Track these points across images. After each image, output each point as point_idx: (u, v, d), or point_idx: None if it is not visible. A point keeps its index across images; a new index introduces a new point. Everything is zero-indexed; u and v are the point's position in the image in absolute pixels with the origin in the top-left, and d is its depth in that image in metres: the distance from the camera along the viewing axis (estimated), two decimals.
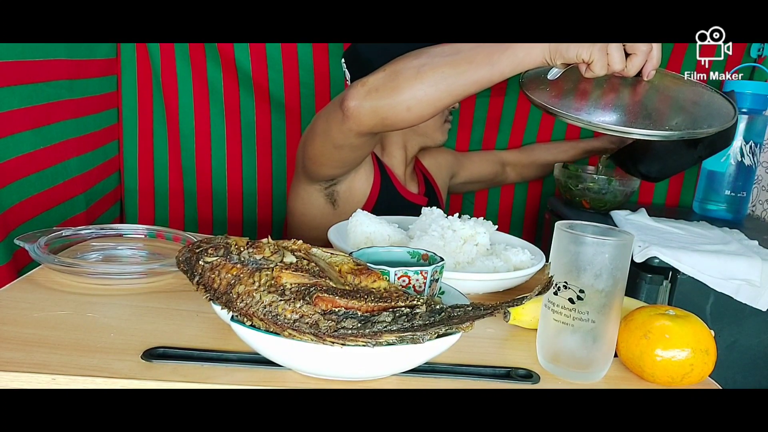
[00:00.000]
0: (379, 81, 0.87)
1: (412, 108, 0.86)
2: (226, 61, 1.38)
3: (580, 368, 0.57)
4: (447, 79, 0.83)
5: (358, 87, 0.90)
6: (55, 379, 0.49)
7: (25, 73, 0.95)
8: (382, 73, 0.89)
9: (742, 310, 0.95)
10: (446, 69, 0.83)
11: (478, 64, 0.82)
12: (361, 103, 0.89)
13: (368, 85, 0.89)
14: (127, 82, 1.38)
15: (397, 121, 0.89)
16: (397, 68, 0.87)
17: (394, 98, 0.86)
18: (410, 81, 0.85)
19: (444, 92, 0.84)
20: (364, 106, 0.88)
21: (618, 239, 0.55)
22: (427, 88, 0.84)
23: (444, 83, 0.84)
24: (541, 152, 1.51)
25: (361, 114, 0.90)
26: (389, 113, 0.87)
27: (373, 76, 0.90)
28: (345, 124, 0.93)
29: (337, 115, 0.94)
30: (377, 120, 0.90)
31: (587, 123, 0.77)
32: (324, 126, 0.99)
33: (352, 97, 0.90)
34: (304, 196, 1.18)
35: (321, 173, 1.11)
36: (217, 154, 1.46)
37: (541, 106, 0.83)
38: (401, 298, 0.51)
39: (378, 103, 0.87)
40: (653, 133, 0.75)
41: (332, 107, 0.97)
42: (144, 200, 1.48)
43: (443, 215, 0.89)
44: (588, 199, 1.29)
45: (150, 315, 0.63)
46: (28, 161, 0.96)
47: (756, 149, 1.26)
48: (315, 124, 1.03)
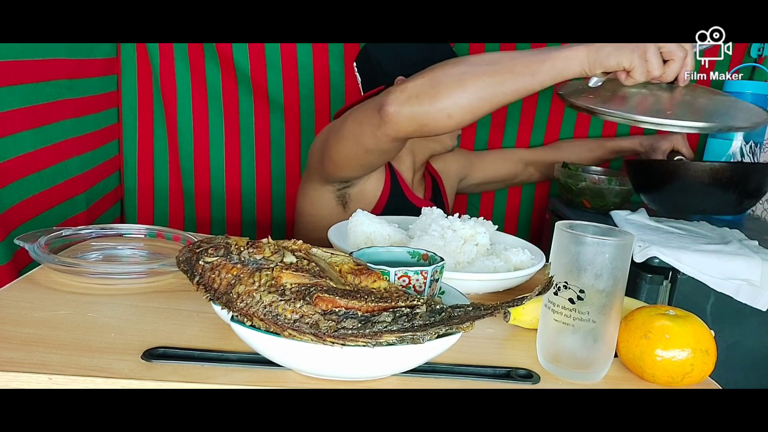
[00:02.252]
0: (419, 87, 0.88)
1: (453, 115, 0.87)
2: (225, 61, 1.38)
3: (581, 368, 0.57)
4: (488, 87, 0.84)
5: (397, 93, 0.90)
6: (52, 379, 0.48)
7: (25, 72, 0.95)
8: (421, 79, 0.89)
9: (742, 310, 0.95)
10: (487, 78, 0.84)
11: (518, 74, 0.84)
12: (401, 108, 0.89)
13: (408, 91, 0.88)
14: (127, 81, 1.38)
15: (437, 128, 0.90)
16: (438, 75, 0.87)
17: (435, 105, 0.86)
18: (452, 88, 0.85)
19: (485, 100, 0.85)
20: (404, 112, 0.88)
21: (618, 239, 0.55)
22: (468, 95, 0.85)
23: (485, 92, 0.85)
24: (567, 151, 1.47)
25: (400, 120, 0.90)
26: (429, 120, 0.88)
27: (412, 81, 0.90)
28: (381, 129, 0.92)
29: (373, 120, 0.94)
30: (416, 126, 0.90)
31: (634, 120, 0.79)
32: (356, 129, 0.98)
33: (391, 102, 0.89)
34: (314, 196, 1.17)
35: (341, 175, 1.10)
36: (215, 154, 1.46)
37: (585, 108, 0.84)
38: (401, 298, 0.51)
39: (418, 109, 0.87)
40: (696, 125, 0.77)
41: (367, 111, 0.96)
42: (143, 200, 1.48)
43: (443, 215, 0.89)
44: (588, 198, 1.29)
45: (150, 315, 0.63)
46: (28, 161, 0.96)
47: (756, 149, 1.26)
48: (344, 127, 1.02)
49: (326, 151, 1.07)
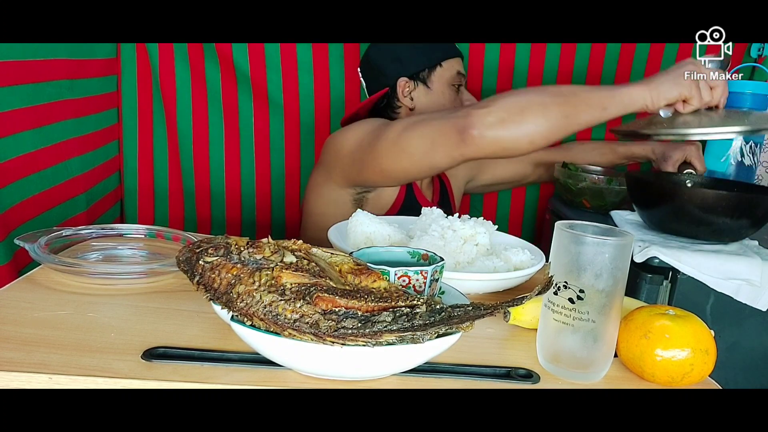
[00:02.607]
0: (504, 113, 0.93)
1: (534, 141, 0.93)
2: (225, 61, 1.38)
3: (580, 368, 0.57)
4: (567, 117, 0.92)
5: (482, 116, 0.94)
6: (53, 379, 0.49)
7: (25, 72, 0.95)
8: (504, 104, 0.94)
9: (742, 310, 0.95)
10: (567, 108, 0.92)
11: (592, 107, 0.92)
12: (486, 132, 0.93)
13: (494, 115, 0.93)
14: (127, 82, 1.39)
15: (517, 151, 0.96)
16: (523, 102, 0.93)
17: (519, 130, 0.92)
18: (536, 116, 0.92)
19: (561, 128, 0.93)
20: (488, 135, 0.93)
21: (618, 239, 0.55)
22: (549, 123, 0.92)
23: (564, 121, 0.92)
24: (578, 153, 1.46)
25: (483, 143, 0.94)
26: (512, 144, 0.94)
27: (495, 107, 0.94)
28: (460, 150, 0.96)
29: (452, 140, 0.97)
30: (497, 149, 0.95)
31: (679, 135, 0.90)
32: (426, 146, 1.00)
33: (475, 125, 0.94)
34: (329, 197, 1.17)
35: (383, 184, 1.12)
36: (215, 154, 1.46)
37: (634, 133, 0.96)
38: (401, 298, 0.51)
39: (503, 133, 0.93)
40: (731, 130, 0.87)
41: (444, 130, 0.98)
42: (144, 200, 1.48)
43: (443, 215, 0.89)
44: (588, 198, 1.29)
45: (150, 315, 0.63)
46: (28, 161, 0.96)
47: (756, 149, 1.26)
48: (408, 142, 1.02)
49: (372, 161, 1.07)
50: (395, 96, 1.22)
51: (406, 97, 1.22)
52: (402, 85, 1.21)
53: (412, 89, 1.22)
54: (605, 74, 1.47)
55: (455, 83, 1.22)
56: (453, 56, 1.22)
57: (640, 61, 1.46)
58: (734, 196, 0.94)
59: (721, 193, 0.94)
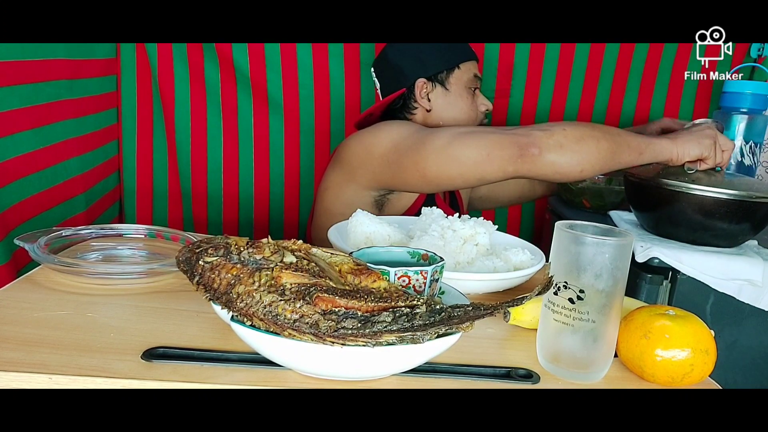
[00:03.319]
0: (564, 139, 0.98)
1: (584, 170, 1.00)
2: (224, 61, 1.38)
3: (580, 368, 0.57)
4: (614, 154, 1.00)
5: (544, 138, 0.98)
6: (53, 379, 0.48)
7: (24, 72, 0.95)
8: (563, 131, 0.99)
9: (742, 310, 0.95)
10: (614, 146, 1.00)
11: (632, 150, 1.00)
12: (545, 154, 0.97)
13: (554, 139, 0.98)
14: (127, 82, 1.38)
15: (567, 177, 1.02)
16: (579, 133, 0.99)
17: (574, 158, 0.98)
18: (591, 149, 0.98)
19: (607, 163, 1.00)
20: (547, 156, 0.97)
21: (618, 239, 0.55)
22: (600, 156, 0.99)
23: (611, 157, 1.00)
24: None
25: (541, 162, 0.98)
26: (565, 169, 0.99)
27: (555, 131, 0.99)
28: (516, 166, 0.99)
29: (510, 154, 1.00)
30: (550, 171, 1.00)
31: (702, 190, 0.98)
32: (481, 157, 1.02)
33: (537, 145, 0.98)
34: (349, 198, 1.16)
35: (417, 189, 1.12)
36: (213, 154, 1.46)
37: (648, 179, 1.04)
38: (401, 298, 0.51)
39: (559, 158, 0.98)
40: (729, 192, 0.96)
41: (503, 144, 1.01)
42: (142, 201, 1.48)
43: (443, 215, 0.89)
44: (588, 198, 1.29)
45: (150, 315, 0.63)
46: (27, 161, 0.96)
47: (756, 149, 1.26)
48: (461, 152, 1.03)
49: (413, 166, 1.06)
50: (412, 97, 1.21)
51: (423, 99, 1.21)
52: (420, 85, 1.20)
53: (430, 90, 1.21)
54: (603, 74, 1.47)
55: (472, 86, 1.22)
56: (470, 59, 1.22)
57: (638, 61, 1.46)
58: (733, 201, 0.94)
59: (720, 198, 0.94)
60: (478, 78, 1.23)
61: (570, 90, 1.48)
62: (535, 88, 1.48)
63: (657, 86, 1.48)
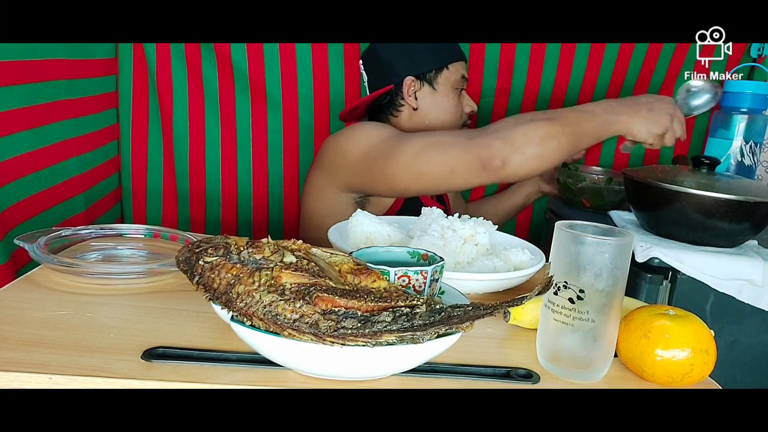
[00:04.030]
0: (525, 145, 0.98)
1: (547, 167, 1.03)
2: (223, 61, 1.38)
3: (580, 368, 0.57)
4: (573, 147, 1.02)
5: (505, 149, 0.99)
6: (53, 379, 0.48)
7: (23, 72, 0.94)
8: (520, 134, 0.99)
9: (742, 309, 0.95)
10: (573, 139, 1.01)
11: (591, 137, 1.02)
12: (509, 162, 0.99)
13: (516, 147, 0.99)
14: (125, 82, 1.38)
15: (529, 176, 1.06)
16: (542, 134, 0.99)
17: (536, 161, 0.99)
18: (552, 148, 0.99)
19: (566, 156, 1.03)
20: (509, 167, 0.99)
21: (618, 239, 0.55)
22: (560, 153, 1.01)
23: (570, 150, 1.02)
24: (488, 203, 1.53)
25: (505, 171, 1.00)
26: (527, 171, 1.01)
27: (513, 136, 0.99)
28: (481, 178, 1.01)
29: (473, 169, 1.01)
30: (515, 177, 1.02)
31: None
32: (446, 173, 1.03)
33: (498, 156, 0.99)
34: (330, 200, 1.17)
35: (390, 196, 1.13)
36: (211, 155, 1.46)
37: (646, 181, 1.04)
38: (401, 298, 0.51)
39: (523, 164, 0.99)
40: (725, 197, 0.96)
41: (465, 160, 1.01)
42: (138, 201, 1.48)
43: (443, 215, 0.89)
44: (588, 198, 1.28)
45: (150, 315, 0.63)
46: (27, 161, 0.96)
47: (756, 149, 1.26)
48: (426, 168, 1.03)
49: (383, 179, 1.08)
50: (400, 94, 1.22)
51: (411, 97, 1.21)
52: (408, 83, 1.20)
53: (418, 89, 1.21)
54: (602, 74, 1.47)
55: (459, 87, 1.22)
56: (460, 59, 1.22)
57: (637, 61, 1.46)
58: (733, 201, 0.94)
59: (720, 198, 0.94)
60: (465, 79, 1.23)
61: (569, 90, 1.48)
62: (535, 87, 1.48)
63: (651, 85, 1.48)
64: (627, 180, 1.09)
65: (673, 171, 1.05)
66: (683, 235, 1.00)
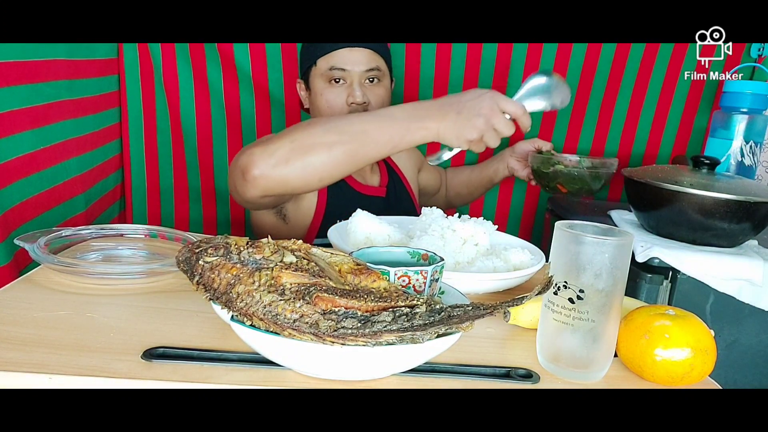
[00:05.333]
0: (288, 153, 0.90)
1: (323, 179, 0.93)
2: (226, 61, 1.38)
3: (580, 368, 0.57)
4: (354, 155, 0.91)
5: (264, 158, 0.90)
6: (52, 379, 0.48)
7: (24, 73, 0.95)
8: (288, 144, 0.91)
9: (741, 309, 0.95)
10: (353, 147, 0.91)
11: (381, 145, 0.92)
12: (269, 172, 0.90)
13: (276, 156, 0.90)
14: (131, 81, 1.38)
15: (306, 189, 0.95)
16: (308, 142, 0.90)
17: (306, 170, 0.90)
18: (321, 158, 0.90)
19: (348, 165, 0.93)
20: (272, 175, 0.90)
21: (618, 239, 0.55)
22: (334, 162, 0.91)
23: (350, 158, 0.92)
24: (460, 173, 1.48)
25: (266, 182, 0.91)
26: (299, 183, 0.92)
27: (278, 145, 0.91)
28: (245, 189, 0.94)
29: (237, 179, 0.94)
30: (286, 188, 0.93)
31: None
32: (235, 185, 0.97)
33: (256, 166, 0.90)
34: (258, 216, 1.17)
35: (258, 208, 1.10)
36: (218, 152, 1.47)
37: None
38: (401, 297, 0.51)
39: (288, 173, 0.90)
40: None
41: (232, 170, 0.96)
42: (151, 199, 1.48)
43: (443, 215, 0.89)
44: (562, 183, 1.22)
45: (150, 315, 0.63)
46: (27, 161, 0.96)
47: (756, 149, 1.26)
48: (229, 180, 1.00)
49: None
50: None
51: (304, 99, 1.23)
52: (297, 87, 1.23)
53: (303, 89, 1.22)
54: (599, 74, 1.47)
55: (331, 78, 1.14)
56: (327, 52, 1.13)
57: (634, 60, 1.46)
58: (733, 202, 0.94)
59: (720, 198, 0.94)
60: (340, 69, 1.13)
61: None
62: None
63: (651, 85, 1.48)
64: (627, 180, 1.09)
65: (673, 171, 1.05)
66: (683, 235, 1.00)
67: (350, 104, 1.15)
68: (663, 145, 1.54)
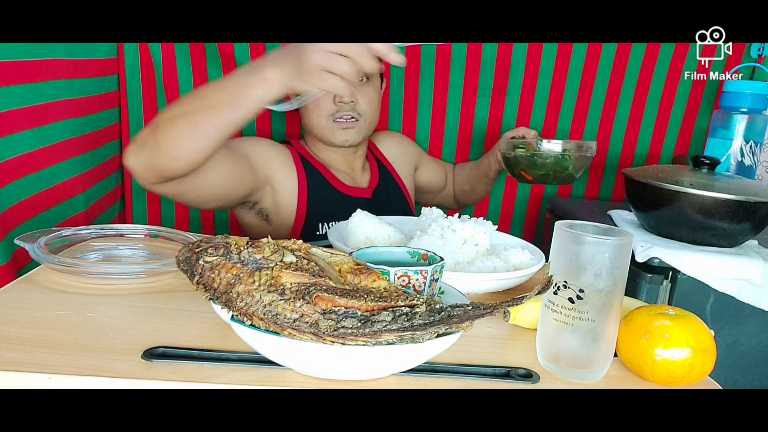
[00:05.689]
0: (144, 137, 0.88)
1: (179, 157, 0.86)
2: (227, 61, 1.38)
3: (580, 368, 0.57)
4: (198, 126, 0.84)
5: (130, 147, 0.90)
6: (52, 379, 0.48)
7: (24, 72, 0.95)
8: (147, 128, 0.89)
9: (742, 309, 0.95)
10: (195, 117, 0.84)
11: (220, 108, 0.84)
12: (136, 160, 0.89)
13: (137, 142, 0.89)
14: (131, 81, 1.38)
15: (174, 172, 0.89)
16: (157, 121, 0.87)
17: (160, 152, 0.86)
18: (168, 134, 0.85)
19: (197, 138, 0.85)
20: (139, 162, 0.89)
21: (618, 239, 0.55)
22: (184, 138, 0.85)
23: (197, 131, 0.85)
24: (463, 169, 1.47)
25: (139, 170, 0.90)
26: (162, 166, 0.88)
27: (140, 133, 0.90)
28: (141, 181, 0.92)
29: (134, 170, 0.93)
30: (156, 173, 0.89)
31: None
32: None
33: (127, 156, 0.90)
34: (241, 218, 1.17)
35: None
36: None
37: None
38: (401, 297, 0.51)
39: (148, 158, 0.88)
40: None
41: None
42: (152, 199, 1.48)
43: (443, 215, 0.89)
44: (524, 169, 1.14)
45: (150, 315, 0.63)
46: (27, 161, 0.96)
47: (756, 149, 1.26)
48: None
49: None
50: None
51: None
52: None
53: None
54: (600, 74, 1.47)
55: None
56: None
57: (635, 60, 1.46)
58: (733, 202, 0.94)
59: (720, 198, 0.94)
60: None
61: (566, 89, 1.49)
62: (531, 87, 1.48)
63: (653, 85, 1.48)
64: (627, 180, 1.09)
65: (673, 171, 1.05)
66: (683, 235, 1.00)
67: (338, 103, 1.15)
68: (665, 145, 1.54)
